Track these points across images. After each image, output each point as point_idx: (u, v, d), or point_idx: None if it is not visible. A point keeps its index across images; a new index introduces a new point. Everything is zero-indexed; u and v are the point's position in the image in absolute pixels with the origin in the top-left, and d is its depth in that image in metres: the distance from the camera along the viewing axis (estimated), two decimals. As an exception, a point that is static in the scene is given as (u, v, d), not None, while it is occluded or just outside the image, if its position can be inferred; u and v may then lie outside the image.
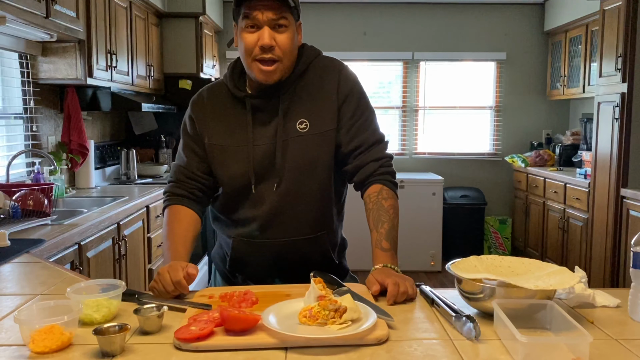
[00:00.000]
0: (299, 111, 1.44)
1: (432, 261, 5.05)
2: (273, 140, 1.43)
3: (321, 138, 1.44)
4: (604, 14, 3.88)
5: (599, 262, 3.95)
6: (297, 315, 1.10)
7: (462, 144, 5.74)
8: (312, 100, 1.45)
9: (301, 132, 1.43)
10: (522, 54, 5.63)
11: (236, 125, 1.45)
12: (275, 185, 1.43)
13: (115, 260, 2.75)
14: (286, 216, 1.45)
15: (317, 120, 1.43)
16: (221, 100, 1.49)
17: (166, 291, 1.24)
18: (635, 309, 1.17)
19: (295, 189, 1.44)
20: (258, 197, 1.45)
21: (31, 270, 1.63)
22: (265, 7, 1.32)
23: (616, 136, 3.72)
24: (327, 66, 1.48)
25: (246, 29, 1.35)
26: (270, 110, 1.44)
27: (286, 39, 1.36)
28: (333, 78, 1.46)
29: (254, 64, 1.37)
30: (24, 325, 1.00)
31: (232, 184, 1.47)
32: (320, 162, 1.44)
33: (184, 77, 4.59)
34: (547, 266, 1.24)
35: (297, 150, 1.43)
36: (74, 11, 2.80)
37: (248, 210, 1.47)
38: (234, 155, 1.45)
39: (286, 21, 1.35)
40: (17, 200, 2.29)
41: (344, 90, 1.46)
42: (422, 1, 5.52)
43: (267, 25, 1.34)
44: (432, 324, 1.14)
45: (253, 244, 1.48)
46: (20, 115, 3.01)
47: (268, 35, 1.34)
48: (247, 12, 1.33)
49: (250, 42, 1.35)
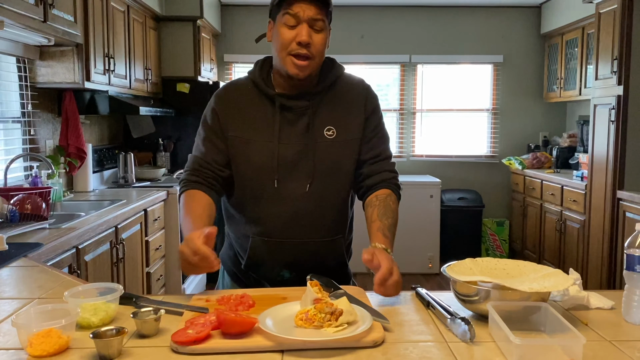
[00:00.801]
0: (327, 118, 1.50)
1: (429, 263, 5.05)
2: (299, 141, 1.48)
3: (346, 145, 1.51)
4: (600, 17, 3.91)
5: (596, 263, 3.96)
6: (294, 318, 1.11)
7: (459, 146, 5.76)
8: (340, 110, 1.52)
9: (328, 138, 1.49)
10: (519, 57, 5.65)
11: (261, 121, 1.49)
12: (307, 185, 1.47)
13: (113, 264, 2.76)
14: (307, 218, 1.49)
15: (344, 129, 1.51)
16: (247, 95, 1.53)
17: (193, 265, 1.23)
18: (629, 310, 1.18)
19: (320, 192, 1.49)
20: (280, 195, 1.48)
21: (29, 274, 1.63)
22: (307, 5, 1.39)
23: (612, 138, 3.74)
24: (355, 82, 1.58)
25: (285, 25, 1.42)
26: (298, 112, 1.49)
27: (321, 39, 1.43)
28: (361, 93, 1.56)
29: (289, 58, 1.42)
30: (21, 329, 1.01)
31: (254, 177, 1.49)
32: (343, 168, 1.52)
33: (182, 80, 4.60)
34: (542, 268, 1.25)
35: (324, 155, 1.49)
36: (71, 15, 2.81)
37: (268, 208, 1.49)
38: (258, 149, 1.48)
39: (323, 23, 1.43)
40: (14, 204, 2.29)
41: (371, 105, 1.56)
42: (419, 4, 5.54)
43: (306, 23, 1.40)
44: (427, 326, 1.15)
45: (270, 243, 1.51)
46: (18, 119, 3.02)
47: (306, 32, 1.40)
48: (289, 8, 1.40)
49: (287, 37, 1.41)
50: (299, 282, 1.43)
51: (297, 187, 1.48)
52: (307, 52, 1.41)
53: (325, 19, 1.43)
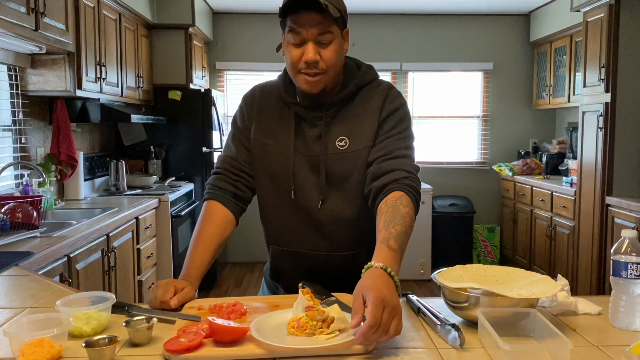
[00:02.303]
0: (340, 129, 1.43)
1: (421, 270, 5.07)
2: (310, 152, 1.44)
3: (357, 156, 1.42)
4: (587, 26, 3.96)
5: (586, 269, 3.99)
6: (286, 326, 1.12)
7: (450, 153, 5.79)
8: (355, 120, 1.44)
9: (341, 149, 1.42)
10: (508, 64, 5.70)
11: (279, 126, 1.47)
12: (320, 202, 1.43)
13: (105, 272, 2.75)
14: (325, 232, 1.45)
15: (356, 139, 1.43)
16: (271, 99, 1.50)
17: (153, 306, 1.28)
18: (615, 316, 1.19)
19: (333, 206, 1.43)
20: (297, 206, 1.45)
21: (20, 283, 1.63)
22: (310, 22, 1.32)
23: (600, 145, 3.78)
24: (377, 89, 1.47)
25: (291, 43, 1.36)
26: (313, 122, 1.44)
27: (331, 52, 1.36)
28: (379, 98, 1.45)
29: (299, 76, 1.38)
30: (13, 338, 1.01)
31: (271, 185, 1.47)
32: (354, 180, 1.42)
33: (174, 88, 4.60)
34: (531, 275, 1.26)
35: (334, 168, 1.42)
36: (63, 24, 2.81)
37: (286, 219, 1.48)
38: (274, 155, 1.46)
39: (331, 35, 1.35)
40: (5, 213, 2.29)
41: (388, 109, 1.44)
42: (410, 12, 5.58)
43: (311, 41, 1.34)
44: (418, 333, 1.16)
45: (290, 254, 1.49)
46: (9, 127, 3.01)
47: (312, 51, 1.34)
48: (293, 26, 1.34)
49: (295, 56, 1.36)
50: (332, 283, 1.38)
51: (311, 201, 1.43)
52: (317, 70, 1.36)
53: (334, 29, 1.35)
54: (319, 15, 1.31)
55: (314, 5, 1.29)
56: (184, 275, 1.38)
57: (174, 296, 1.28)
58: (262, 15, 5.52)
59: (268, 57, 5.54)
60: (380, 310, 1.02)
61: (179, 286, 1.30)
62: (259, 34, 5.55)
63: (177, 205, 4.01)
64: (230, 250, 5.65)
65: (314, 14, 1.31)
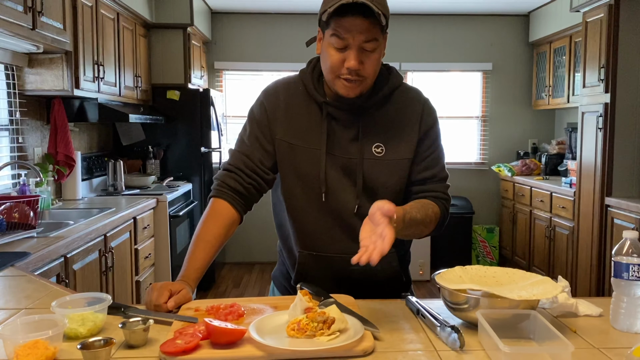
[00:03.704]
0: (376, 134, 1.40)
1: (420, 270, 5.06)
2: (345, 155, 1.40)
3: (395, 166, 1.41)
4: (587, 26, 3.95)
5: (585, 270, 3.98)
6: (285, 327, 1.10)
7: (449, 153, 5.69)
8: (391, 126, 1.42)
9: (377, 155, 1.40)
10: (507, 65, 5.70)
11: (308, 126, 1.41)
12: (356, 207, 1.39)
13: (102, 273, 2.73)
14: (356, 235, 1.38)
15: (394, 147, 1.41)
16: (296, 97, 1.44)
17: (148, 308, 1.27)
18: (616, 317, 1.18)
19: (367, 211, 1.36)
20: (329, 209, 1.41)
21: (16, 284, 1.62)
22: (357, 28, 1.26)
23: (600, 146, 3.77)
24: (412, 96, 1.46)
25: (333, 46, 1.31)
26: (346, 123, 1.40)
27: (374, 60, 1.32)
28: (417, 109, 1.44)
29: (338, 81, 1.34)
30: (7, 340, 0.99)
31: (300, 187, 1.42)
32: (391, 188, 1.41)
33: (172, 87, 4.59)
34: (531, 276, 1.25)
35: (371, 174, 1.40)
36: (60, 22, 2.80)
37: (316, 222, 1.43)
38: (303, 157, 1.41)
39: (376, 43, 1.30)
40: (2, 213, 2.27)
41: (427, 123, 1.44)
42: (409, 12, 5.57)
43: (355, 47, 1.28)
44: (417, 335, 1.15)
45: (319, 258, 1.45)
46: (6, 126, 2.99)
47: (355, 59, 1.28)
48: (338, 30, 1.28)
49: (336, 61, 1.31)
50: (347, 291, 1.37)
51: (345, 204, 1.40)
52: (357, 77, 1.31)
53: (379, 37, 1.29)
54: (367, 21, 1.26)
55: (365, 10, 1.23)
56: (183, 276, 1.36)
57: (169, 299, 1.26)
58: (261, 15, 5.50)
59: (267, 57, 5.53)
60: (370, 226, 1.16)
61: (175, 289, 1.28)
62: (257, 33, 5.54)
63: (175, 206, 4.00)
64: (229, 251, 5.64)
65: (362, 19, 1.25)
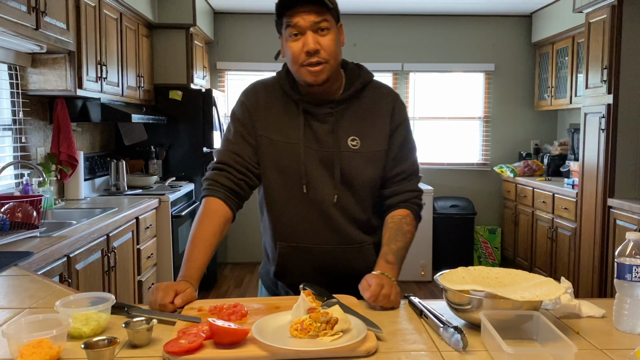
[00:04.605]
0: (351, 128, 1.47)
1: (422, 271, 5.06)
2: (322, 148, 1.46)
3: (371, 157, 1.48)
4: (590, 27, 3.95)
5: (587, 271, 3.98)
6: (288, 327, 1.11)
7: (451, 154, 5.78)
8: (365, 120, 1.49)
9: (353, 148, 1.47)
10: (510, 65, 5.69)
11: (287, 123, 1.48)
12: (335, 197, 1.46)
13: (105, 273, 2.74)
14: (335, 225, 1.48)
15: (369, 140, 1.48)
16: (275, 96, 1.51)
17: (152, 308, 1.27)
18: (619, 319, 1.18)
19: (346, 202, 1.48)
20: (309, 201, 1.47)
21: (19, 284, 1.62)
22: (305, 12, 1.36)
23: (602, 147, 3.77)
24: (384, 91, 1.54)
25: (291, 38, 1.40)
26: (322, 118, 1.47)
27: (330, 40, 1.40)
28: (389, 102, 1.52)
29: (302, 69, 1.41)
30: (12, 339, 1.00)
31: (281, 181, 1.48)
32: (367, 179, 1.49)
33: (174, 87, 4.59)
34: (534, 277, 1.25)
35: (348, 166, 1.46)
36: (64, 23, 2.80)
37: (296, 214, 1.49)
38: (284, 152, 1.47)
39: (327, 23, 1.39)
40: (5, 212, 2.28)
41: (399, 117, 1.52)
42: (411, 13, 5.57)
43: (310, 30, 1.38)
44: (420, 335, 1.15)
45: (299, 249, 1.50)
46: (9, 126, 3.00)
47: (312, 40, 1.38)
48: (289, 20, 1.38)
49: (296, 50, 1.39)
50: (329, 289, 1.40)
51: (325, 195, 1.46)
52: (319, 59, 1.39)
53: (330, 19, 1.40)
54: (314, 6, 1.37)
55: None
56: (185, 277, 1.36)
57: (174, 298, 1.26)
58: (263, 15, 5.50)
59: (269, 57, 5.49)
60: (380, 287, 1.29)
61: (180, 289, 1.29)
62: (260, 34, 5.54)
63: (178, 206, 4.00)
64: (231, 251, 5.64)
65: (309, 6, 1.36)
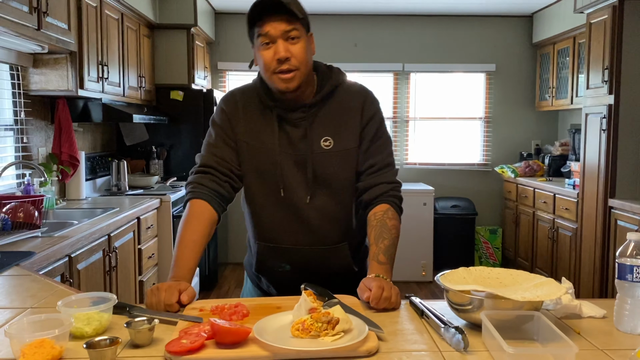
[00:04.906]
0: (324, 129, 1.51)
1: (423, 271, 5.06)
2: (298, 151, 1.50)
3: (343, 156, 1.52)
4: (591, 27, 3.95)
5: (588, 272, 3.98)
6: (289, 327, 1.11)
7: (452, 154, 5.78)
8: (337, 120, 1.52)
9: (326, 148, 1.51)
10: (511, 66, 5.69)
11: (263, 128, 1.52)
12: (308, 198, 1.50)
13: (106, 272, 2.74)
14: (311, 227, 1.53)
15: (341, 139, 1.51)
16: (252, 102, 1.55)
17: (157, 309, 1.27)
18: (620, 319, 1.18)
19: (321, 202, 1.52)
20: (285, 204, 1.52)
21: (21, 283, 1.62)
22: (276, 21, 1.40)
23: (604, 147, 3.77)
24: (354, 90, 1.58)
25: (262, 46, 1.43)
26: (295, 123, 1.51)
27: (300, 48, 1.43)
28: (359, 100, 1.55)
29: (274, 77, 1.45)
30: (14, 339, 1.00)
31: (260, 184, 1.53)
32: (341, 178, 1.53)
33: (176, 88, 4.60)
34: (535, 277, 1.25)
35: (320, 166, 1.50)
36: (65, 23, 2.81)
37: (274, 216, 1.54)
38: (262, 156, 1.51)
39: (297, 32, 1.43)
40: (7, 212, 2.28)
41: (369, 112, 1.54)
42: (412, 13, 5.57)
43: (280, 39, 1.41)
44: (421, 336, 1.15)
45: (276, 249, 1.56)
46: (10, 126, 3.01)
47: (283, 48, 1.41)
48: (260, 30, 1.42)
49: (268, 58, 1.43)
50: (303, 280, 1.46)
51: (299, 198, 1.51)
52: (289, 66, 1.42)
53: (299, 28, 1.43)
54: (283, 16, 1.41)
55: (278, 7, 1.38)
56: (176, 277, 1.37)
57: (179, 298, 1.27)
58: (264, 16, 5.50)
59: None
60: (381, 290, 1.28)
61: (182, 288, 1.30)
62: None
63: (179, 206, 4.00)
64: (231, 251, 5.64)
65: (278, 15, 1.40)
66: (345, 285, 1.45)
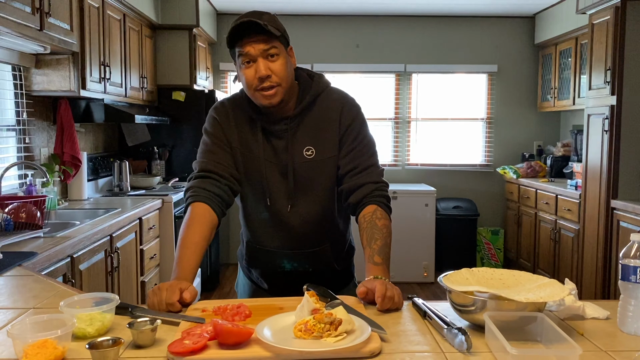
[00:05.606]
0: (306, 139, 1.56)
1: (425, 272, 5.05)
2: (282, 161, 1.55)
3: (324, 164, 1.56)
4: (593, 28, 3.94)
5: (591, 273, 3.97)
6: (292, 328, 1.11)
7: (454, 155, 5.78)
8: (318, 129, 1.57)
9: (308, 158, 1.56)
10: (513, 67, 5.69)
11: (251, 138, 1.58)
12: (289, 206, 1.57)
13: (108, 273, 2.74)
14: (293, 232, 1.60)
15: (322, 148, 1.56)
16: (241, 111, 1.60)
17: (158, 308, 1.27)
18: (624, 320, 1.18)
19: (302, 210, 1.58)
20: (271, 210, 1.59)
21: (23, 284, 1.62)
22: (255, 41, 1.45)
23: (606, 148, 3.76)
24: (334, 97, 1.60)
25: (244, 65, 1.48)
26: (279, 134, 1.56)
27: (280, 65, 1.48)
28: (337, 108, 1.58)
29: (257, 94, 1.49)
30: (17, 339, 1.00)
31: (250, 189, 1.60)
32: (321, 185, 1.58)
33: (178, 88, 4.60)
34: (538, 278, 1.25)
35: (302, 175, 1.56)
36: (67, 24, 2.81)
37: (259, 221, 1.63)
38: (250, 164, 1.58)
39: (276, 49, 1.47)
40: (9, 213, 2.28)
41: (346, 120, 1.58)
42: (414, 14, 5.57)
43: (260, 57, 1.46)
44: (424, 337, 1.15)
45: (263, 251, 1.65)
46: (12, 127, 3.01)
47: (263, 66, 1.46)
48: (241, 50, 1.46)
49: (249, 76, 1.48)
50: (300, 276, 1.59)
51: (282, 205, 1.58)
52: (271, 83, 1.47)
53: (278, 45, 1.47)
54: (262, 36, 1.45)
55: (256, 28, 1.43)
56: (179, 277, 1.37)
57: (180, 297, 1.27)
58: (266, 17, 5.50)
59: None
60: (384, 288, 1.29)
61: (183, 287, 1.30)
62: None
63: (181, 206, 4.00)
64: (233, 252, 5.64)
65: (256, 35, 1.44)
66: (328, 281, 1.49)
